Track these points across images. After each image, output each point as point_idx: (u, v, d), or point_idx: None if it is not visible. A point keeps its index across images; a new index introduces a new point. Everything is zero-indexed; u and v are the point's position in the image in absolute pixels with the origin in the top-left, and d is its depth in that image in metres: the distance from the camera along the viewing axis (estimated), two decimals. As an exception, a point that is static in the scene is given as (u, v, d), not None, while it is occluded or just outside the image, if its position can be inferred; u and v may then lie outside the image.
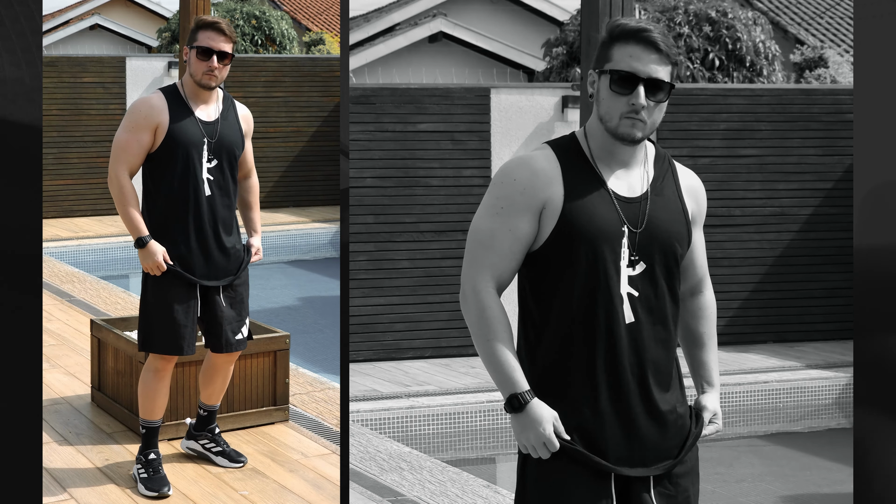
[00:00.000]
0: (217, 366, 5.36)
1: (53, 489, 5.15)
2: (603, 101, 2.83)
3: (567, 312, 2.80)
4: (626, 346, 2.80)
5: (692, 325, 3.04)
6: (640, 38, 2.81)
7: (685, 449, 2.90)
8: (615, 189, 2.85)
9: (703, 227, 3.04)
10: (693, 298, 3.04)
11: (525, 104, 9.50)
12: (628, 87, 2.80)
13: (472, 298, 2.82)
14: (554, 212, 2.80)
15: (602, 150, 2.87)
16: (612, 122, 2.82)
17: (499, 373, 2.79)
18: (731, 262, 9.86)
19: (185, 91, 5.12)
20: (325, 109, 16.36)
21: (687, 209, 2.95)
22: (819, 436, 8.46)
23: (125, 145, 5.00)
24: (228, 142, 5.15)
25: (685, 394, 2.95)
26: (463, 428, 7.84)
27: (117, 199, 5.01)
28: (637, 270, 2.82)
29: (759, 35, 14.24)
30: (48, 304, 9.23)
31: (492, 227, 2.83)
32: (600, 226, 2.79)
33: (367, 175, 9.16)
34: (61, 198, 14.88)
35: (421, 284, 9.24)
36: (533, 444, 2.77)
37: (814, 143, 10.01)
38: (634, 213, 2.84)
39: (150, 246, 4.98)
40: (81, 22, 26.74)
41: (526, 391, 2.77)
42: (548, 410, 2.77)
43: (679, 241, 2.89)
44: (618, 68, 2.80)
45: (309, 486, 5.26)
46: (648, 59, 2.80)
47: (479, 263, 2.83)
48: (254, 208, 5.42)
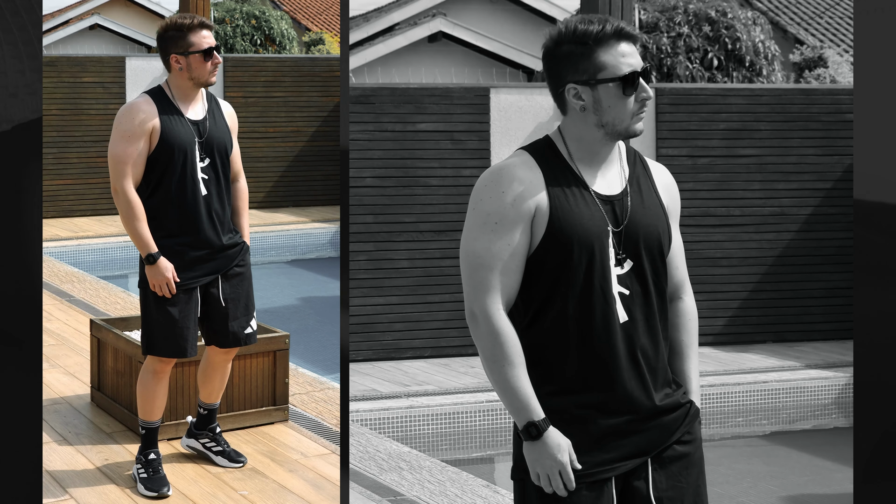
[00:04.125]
0: (215, 364, 5.36)
1: (53, 489, 5.15)
2: (609, 108, 2.79)
3: (562, 316, 2.78)
4: (622, 345, 2.79)
5: (671, 335, 2.94)
6: (622, 35, 2.79)
7: (681, 427, 2.87)
8: (596, 188, 2.83)
9: (679, 227, 2.98)
10: (672, 305, 2.96)
11: (525, 104, 9.50)
12: (634, 87, 2.79)
13: (483, 323, 2.75)
14: (543, 218, 2.77)
15: (586, 152, 2.84)
16: (623, 124, 2.81)
17: (515, 400, 2.74)
18: (730, 261, 9.86)
19: (172, 92, 5.08)
20: (324, 109, 16.36)
21: (664, 204, 2.92)
22: (819, 436, 8.46)
23: (126, 157, 4.92)
24: (218, 138, 5.12)
25: (681, 389, 2.93)
26: (462, 428, 7.85)
27: (125, 214, 4.92)
28: (625, 269, 2.81)
29: (759, 35, 14.24)
30: (48, 304, 9.23)
31: (489, 246, 2.76)
32: (588, 227, 2.77)
33: (367, 175, 9.17)
34: (61, 198, 14.87)
35: (420, 284, 9.25)
36: (548, 472, 2.73)
37: (813, 143, 10.01)
38: (616, 210, 2.82)
39: (160, 263, 4.93)
40: (81, 22, 26.73)
41: (543, 419, 2.73)
42: (563, 438, 2.74)
43: (662, 234, 2.87)
44: (620, 73, 2.78)
45: (308, 486, 5.26)
46: (634, 53, 2.81)
47: (485, 285, 2.76)
48: (243, 214, 5.26)
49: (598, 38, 2.78)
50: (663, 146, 9.62)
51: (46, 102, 14.34)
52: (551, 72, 2.86)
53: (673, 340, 2.95)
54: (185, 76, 5.05)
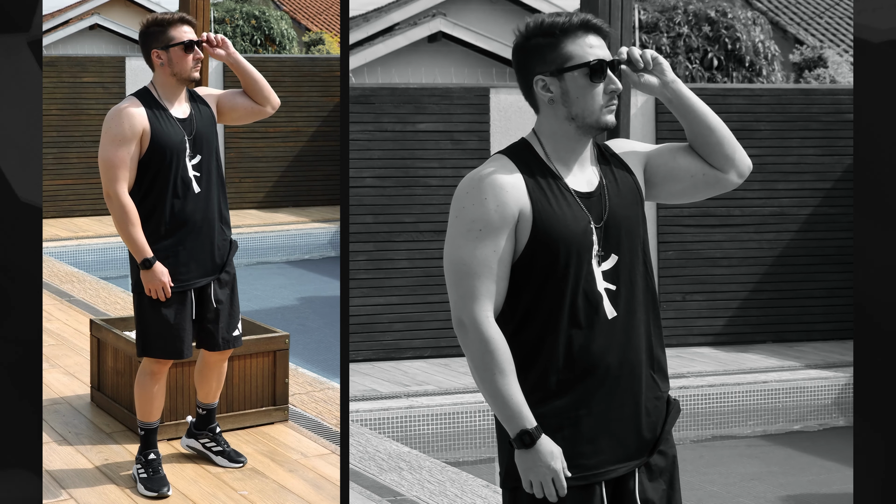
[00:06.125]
0: (211, 364, 5.36)
1: (53, 489, 5.15)
2: (577, 99, 2.78)
3: (551, 318, 2.76)
4: (611, 342, 2.78)
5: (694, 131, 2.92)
6: (590, 27, 2.79)
7: (663, 433, 2.87)
8: (575, 187, 2.82)
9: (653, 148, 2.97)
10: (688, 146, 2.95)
11: (524, 104, 9.47)
12: (601, 76, 2.78)
13: (472, 331, 2.73)
14: (526, 222, 2.75)
15: (562, 150, 2.83)
16: (593, 116, 2.80)
17: (506, 408, 2.71)
18: (730, 262, 9.86)
19: (159, 92, 5.07)
20: (324, 109, 16.37)
21: (636, 176, 2.91)
22: (819, 436, 8.46)
23: (118, 162, 4.87)
24: (206, 134, 5.10)
25: (668, 381, 2.93)
26: (462, 428, 7.85)
27: (119, 219, 4.88)
28: (609, 265, 2.80)
29: (759, 35, 14.25)
30: (48, 304, 9.23)
31: (475, 253, 2.73)
32: (572, 228, 2.76)
33: (367, 175, 9.17)
34: (61, 198, 14.87)
35: (420, 284, 9.25)
36: (541, 479, 2.72)
37: (813, 143, 10.01)
38: (596, 207, 2.81)
39: (156, 267, 4.91)
40: (81, 22, 26.72)
41: (536, 427, 2.71)
42: (555, 446, 2.72)
43: (640, 223, 2.87)
44: (586, 61, 2.78)
45: (308, 486, 5.26)
46: (602, 45, 2.81)
47: (473, 293, 2.74)
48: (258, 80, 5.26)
49: (565, 29, 2.79)
50: (663, 146, 9.62)
51: (46, 102, 14.35)
52: (521, 66, 2.85)
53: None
54: (168, 72, 5.02)
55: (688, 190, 2.96)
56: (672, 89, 2.88)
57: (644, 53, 2.88)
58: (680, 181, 2.94)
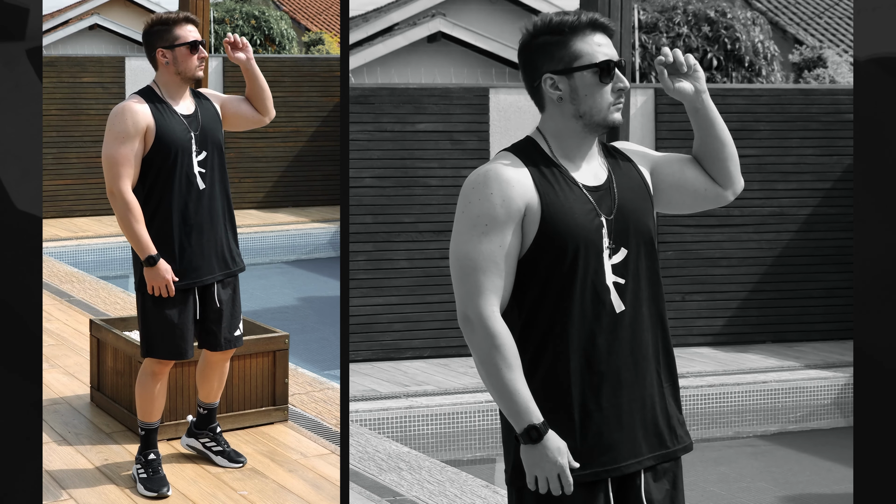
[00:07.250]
0: (213, 364, 5.36)
1: (53, 489, 5.15)
2: (586, 97, 2.80)
3: (559, 313, 2.75)
4: (619, 336, 2.78)
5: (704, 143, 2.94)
6: (597, 25, 2.81)
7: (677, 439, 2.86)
8: (583, 181, 2.82)
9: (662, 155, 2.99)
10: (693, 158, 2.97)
11: (524, 104, 9.50)
12: (610, 75, 2.79)
13: (479, 327, 2.71)
14: (534, 217, 2.75)
15: (568, 147, 2.84)
16: (601, 114, 2.81)
17: (513, 403, 2.70)
18: (729, 262, 9.87)
19: (162, 90, 5.07)
20: (324, 109, 16.37)
21: (644, 176, 2.92)
22: (818, 436, 8.46)
23: (122, 159, 4.87)
24: (211, 130, 5.11)
25: (677, 381, 2.93)
26: (462, 428, 7.85)
27: (122, 217, 4.86)
28: (619, 258, 2.80)
29: (758, 35, 14.25)
30: (47, 304, 9.23)
31: (481, 248, 2.73)
32: (581, 222, 2.76)
33: (366, 175, 9.17)
34: (60, 198, 14.87)
35: (420, 284, 9.25)
36: (547, 475, 2.71)
37: (813, 143, 10.01)
38: (605, 200, 2.82)
39: (160, 265, 4.90)
40: (81, 22, 26.71)
41: (542, 422, 2.70)
42: (561, 441, 2.72)
43: (650, 217, 2.88)
44: (596, 60, 2.79)
45: (308, 486, 5.26)
46: (609, 44, 2.82)
47: (479, 288, 2.72)
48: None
49: (574, 27, 2.80)
50: (663, 146, 9.62)
51: (46, 103, 14.34)
52: (527, 64, 2.86)
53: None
54: (172, 70, 5.03)
55: (687, 202, 2.99)
56: (702, 99, 2.90)
57: (688, 57, 2.90)
58: (685, 192, 2.96)
